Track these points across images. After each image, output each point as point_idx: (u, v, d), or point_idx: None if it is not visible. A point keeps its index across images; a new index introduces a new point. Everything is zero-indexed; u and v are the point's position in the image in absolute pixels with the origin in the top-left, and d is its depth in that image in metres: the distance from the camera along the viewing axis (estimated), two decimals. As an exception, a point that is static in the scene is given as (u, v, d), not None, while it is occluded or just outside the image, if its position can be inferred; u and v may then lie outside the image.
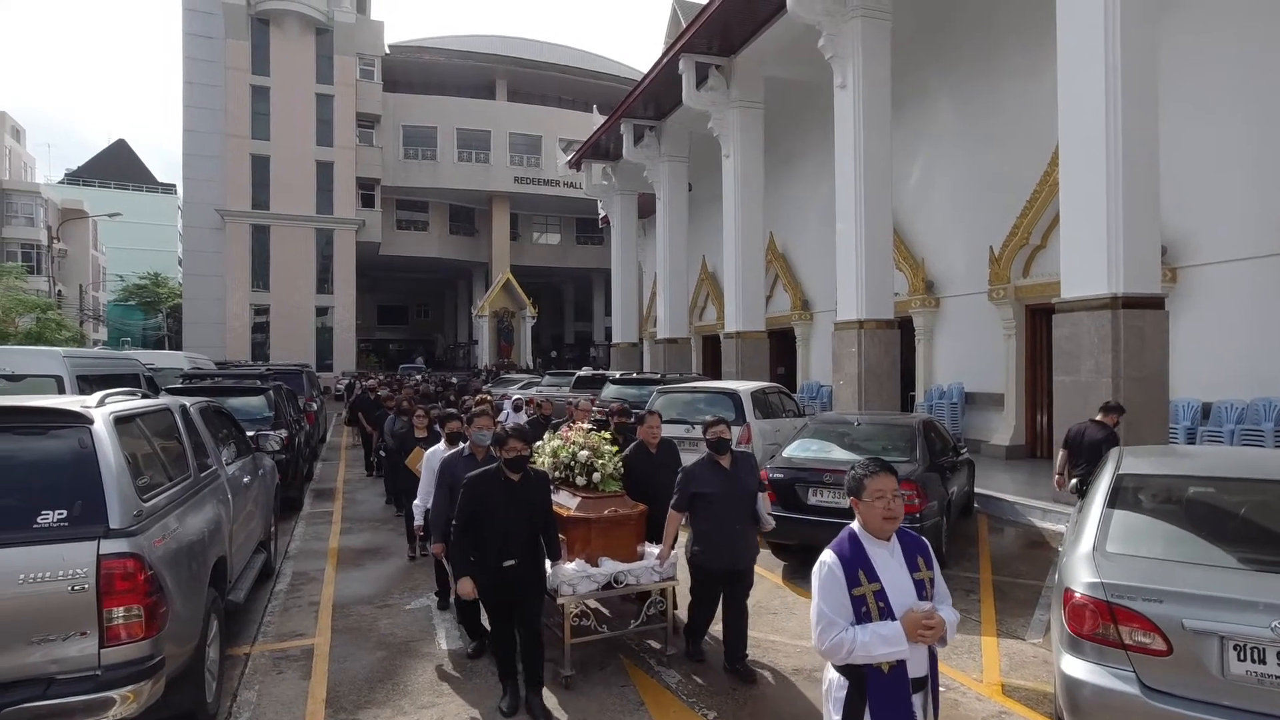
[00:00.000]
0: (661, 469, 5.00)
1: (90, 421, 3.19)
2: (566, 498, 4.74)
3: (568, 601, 4.31)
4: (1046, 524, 8.12)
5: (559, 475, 4.89)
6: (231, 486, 5.03)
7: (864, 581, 2.30)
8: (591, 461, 4.80)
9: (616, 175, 24.68)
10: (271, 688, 4.34)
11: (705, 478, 4.37)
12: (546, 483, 4.26)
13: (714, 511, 4.32)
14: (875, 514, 2.36)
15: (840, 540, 2.41)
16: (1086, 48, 8.07)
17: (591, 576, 4.36)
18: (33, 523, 2.88)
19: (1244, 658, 2.73)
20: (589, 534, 4.51)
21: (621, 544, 4.60)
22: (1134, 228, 7.84)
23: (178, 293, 45.43)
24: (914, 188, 14.94)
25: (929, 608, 2.31)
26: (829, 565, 2.34)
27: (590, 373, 18.62)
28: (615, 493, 4.80)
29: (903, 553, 2.40)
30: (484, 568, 3.91)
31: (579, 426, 5.19)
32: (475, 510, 3.89)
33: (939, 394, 13.80)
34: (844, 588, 2.30)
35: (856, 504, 2.43)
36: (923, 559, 2.42)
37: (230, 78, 33.10)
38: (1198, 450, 6.50)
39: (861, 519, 2.42)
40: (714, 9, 14.41)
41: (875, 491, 2.36)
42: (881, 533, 2.38)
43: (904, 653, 2.25)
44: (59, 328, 25.38)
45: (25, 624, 2.81)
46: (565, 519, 4.51)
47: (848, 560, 2.34)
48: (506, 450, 3.89)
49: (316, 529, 8.51)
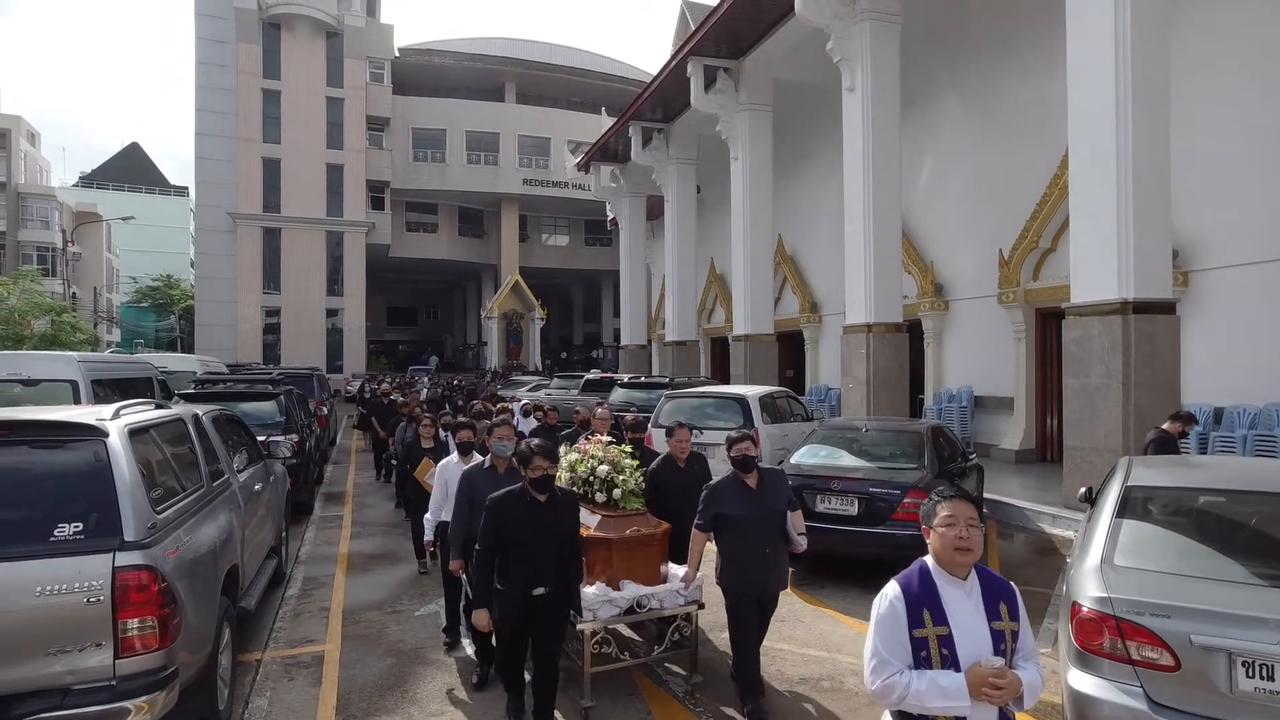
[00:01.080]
0: (692, 485, 4.62)
1: (105, 434, 3.23)
2: (585, 515, 4.42)
3: (588, 628, 4.05)
4: (1056, 530, 8.08)
5: (576, 490, 4.57)
6: (243, 494, 5.08)
7: (929, 623, 2.05)
8: (612, 477, 4.50)
9: (625, 177, 24.71)
10: (283, 695, 4.38)
11: (730, 497, 4.04)
12: (575, 503, 3.97)
13: (741, 534, 4.00)
14: (947, 544, 2.10)
15: (909, 573, 2.16)
16: (1096, 50, 8.04)
17: (613, 601, 4.11)
18: (49, 535, 2.93)
19: (1253, 674, 2.72)
20: (610, 555, 4.24)
21: (644, 565, 4.32)
22: (1144, 232, 7.80)
23: (190, 295, 45.83)
24: (923, 190, 14.90)
25: (1001, 664, 2.03)
26: (890, 599, 2.10)
27: (599, 375, 18.67)
28: (637, 510, 4.50)
29: (983, 596, 2.12)
30: (509, 597, 3.60)
31: (597, 439, 4.87)
32: (499, 535, 3.60)
33: (948, 397, 13.75)
34: (904, 626, 2.05)
35: (928, 533, 2.18)
36: (1006, 606, 2.13)
37: (242, 81, 33.40)
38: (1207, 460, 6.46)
39: (933, 550, 2.16)
40: (723, 12, 14.42)
41: (947, 519, 2.12)
42: (955, 567, 2.11)
43: (965, 709, 2.00)
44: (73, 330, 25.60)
45: (42, 635, 2.85)
46: (585, 539, 4.19)
47: (913, 596, 2.08)
48: (532, 470, 3.57)
49: (327, 533, 8.57)
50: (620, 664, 4.33)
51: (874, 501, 6.24)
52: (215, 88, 34.01)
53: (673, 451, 4.96)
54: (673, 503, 4.69)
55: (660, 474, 4.88)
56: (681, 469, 4.94)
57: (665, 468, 4.94)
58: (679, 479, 4.86)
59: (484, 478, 4.44)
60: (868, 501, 6.27)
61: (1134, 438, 7.69)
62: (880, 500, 6.23)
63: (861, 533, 6.21)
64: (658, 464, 4.95)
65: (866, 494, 6.30)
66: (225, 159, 33.65)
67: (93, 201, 53.91)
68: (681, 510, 4.51)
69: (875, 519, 6.20)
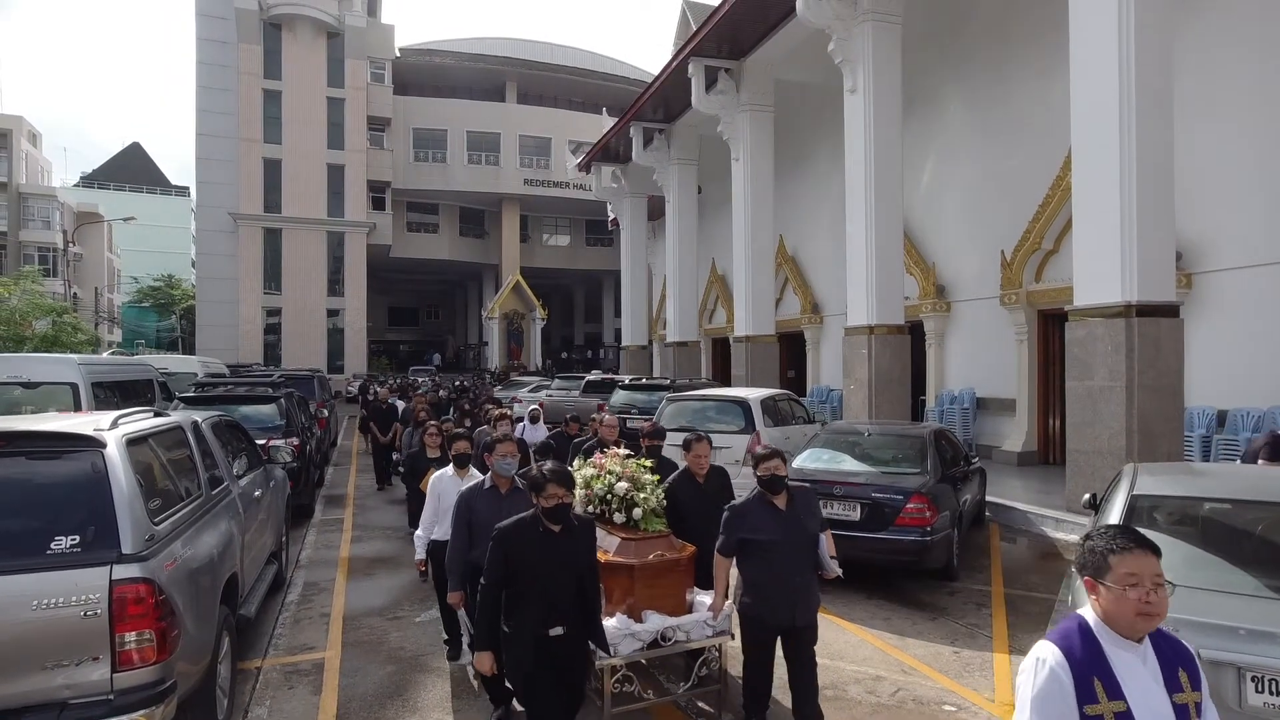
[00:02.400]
0: (713, 502, 4.28)
1: (103, 445, 3.21)
2: (602, 537, 4.01)
3: (607, 665, 3.68)
4: (1059, 534, 8.05)
5: (591, 510, 4.25)
6: (243, 501, 5.05)
7: (1102, 698, 1.71)
8: (631, 495, 4.12)
9: (626, 178, 24.69)
10: (283, 704, 4.36)
11: (757, 520, 3.66)
12: (593, 529, 3.56)
13: (768, 560, 3.62)
14: (1126, 608, 1.72)
15: (1067, 631, 1.80)
16: (1100, 50, 7.99)
17: (636, 634, 3.74)
18: (46, 548, 2.91)
19: (1262, 689, 2.69)
20: (631, 583, 3.87)
21: (669, 593, 3.94)
22: (1148, 234, 7.75)
23: (191, 294, 45.86)
24: (925, 191, 14.86)
25: None
26: (1052, 667, 1.74)
27: (600, 376, 18.63)
28: (660, 532, 4.11)
29: (1158, 662, 1.78)
30: (519, 640, 3.15)
31: (614, 453, 4.50)
32: (508, 570, 3.16)
33: (950, 399, 13.72)
34: (1072, 701, 1.71)
35: (1094, 587, 1.80)
36: (1187, 674, 1.79)
37: (243, 82, 33.38)
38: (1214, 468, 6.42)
39: (1102, 609, 1.78)
40: (724, 13, 14.39)
41: (1128, 577, 1.73)
42: (1133, 632, 1.76)
43: None
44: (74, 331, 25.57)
45: (39, 649, 2.83)
46: (603, 565, 3.81)
47: (1079, 663, 1.73)
48: (545, 498, 3.14)
49: (328, 537, 8.55)
50: (644, 703, 3.96)
51: (877, 506, 6.22)
52: (216, 88, 34.00)
53: (690, 467, 4.61)
54: (690, 521, 4.38)
55: (678, 490, 4.52)
56: (701, 484, 4.60)
57: (683, 483, 4.58)
58: (699, 495, 4.52)
59: (484, 500, 4.04)
60: (870, 507, 6.24)
61: (1137, 440, 7.67)
62: (883, 505, 6.20)
63: (864, 538, 6.18)
64: (674, 479, 4.62)
65: (869, 499, 6.27)
66: (226, 159, 33.64)
67: (94, 202, 53.97)
68: (701, 530, 4.21)
69: (878, 524, 6.17)
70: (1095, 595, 1.80)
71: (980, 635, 5.32)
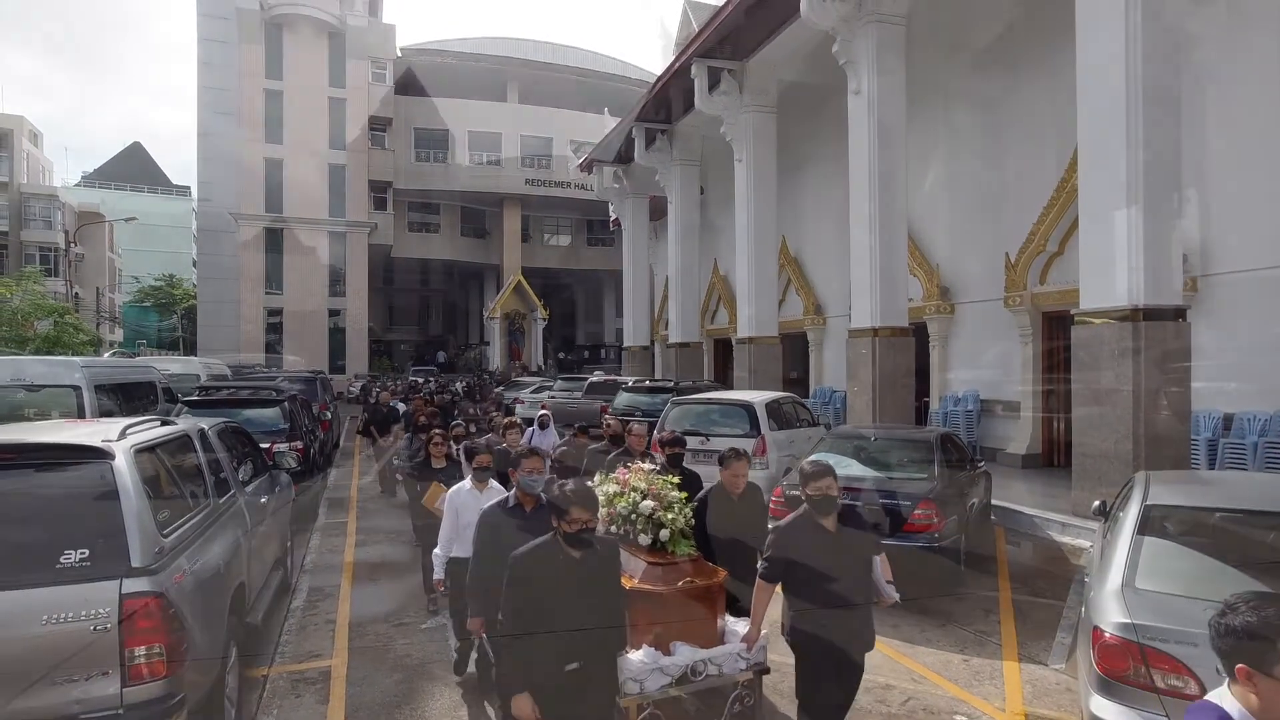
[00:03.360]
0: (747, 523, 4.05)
1: (111, 456, 3.19)
2: (626, 560, 3.72)
3: (631, 704, 3.38)
4: (1065, 538, 8.03)
5: (614, 530, 3.93)
6: (249, 508, 5.03)
7: None
8: (658, 515, 3.80)
9: (628, 178, 24.66)
10: (290, 713, 4.34)
11: (806, 543, 3.32)
12: (617, 553, 3.29)
13: (818, 588, 3.29)
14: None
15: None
16: (1107, 53, 7.96)
17: (663, 668, 3.45)
18: (56, 563, 2.89)
19: None
20: (658, 612, 3.58)
21: (699, 623, 3.65)
22: (1155, 237, 7.72)
23: (192, 294, 45.85)
24: (929, 193, 14.81)
25: None
26: None
27: (603, 377, 18.58)
28: (689, 556, 3.80)
29: None
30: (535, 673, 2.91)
31: (638, 467, 4.15)
32: (528, 600, 2.90)
33: (954, 402, 13.68)
34: None
35: (1250, 678, 1.54)
36: None
37: (244, 82, 33.39)
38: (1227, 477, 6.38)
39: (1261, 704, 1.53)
40: (726, 14, 14.36)
41: None
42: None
43: None
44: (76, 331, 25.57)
45: (49, 665, 2.81)
46: (628, 592, 3.51)
47: None
48: (568, 523, 2.87)
49: (332, 540, 8.53)
50: None
51: (884, 512, 6.19)
52: (218, 88, 34.04)
53: (725, 485, 4.28)
54: (722, 541, 4.09)
55: (710, 509, 4.21)
56: (735, 502, 4.27)
57: (717, 501, 4.26)
58: (731, 515, 4.20)
59: (510, 520, 3.72)
60: (878, 512, 6.21)
61: (1144, 444, 7.63)
62: (891, 511, 6.17)
63: (871, 544, 6.14)
64: (707, 496, 4.33)
65: (876, 505, 6.24)
66: (227, 159, 33.65)
67: (95, 201, 53.92)
68: (733, 553, 3.97)
69: (886, 530, 6.15)
70: (1252, 686, 1.54)
71: (989, 642, 5.30)
